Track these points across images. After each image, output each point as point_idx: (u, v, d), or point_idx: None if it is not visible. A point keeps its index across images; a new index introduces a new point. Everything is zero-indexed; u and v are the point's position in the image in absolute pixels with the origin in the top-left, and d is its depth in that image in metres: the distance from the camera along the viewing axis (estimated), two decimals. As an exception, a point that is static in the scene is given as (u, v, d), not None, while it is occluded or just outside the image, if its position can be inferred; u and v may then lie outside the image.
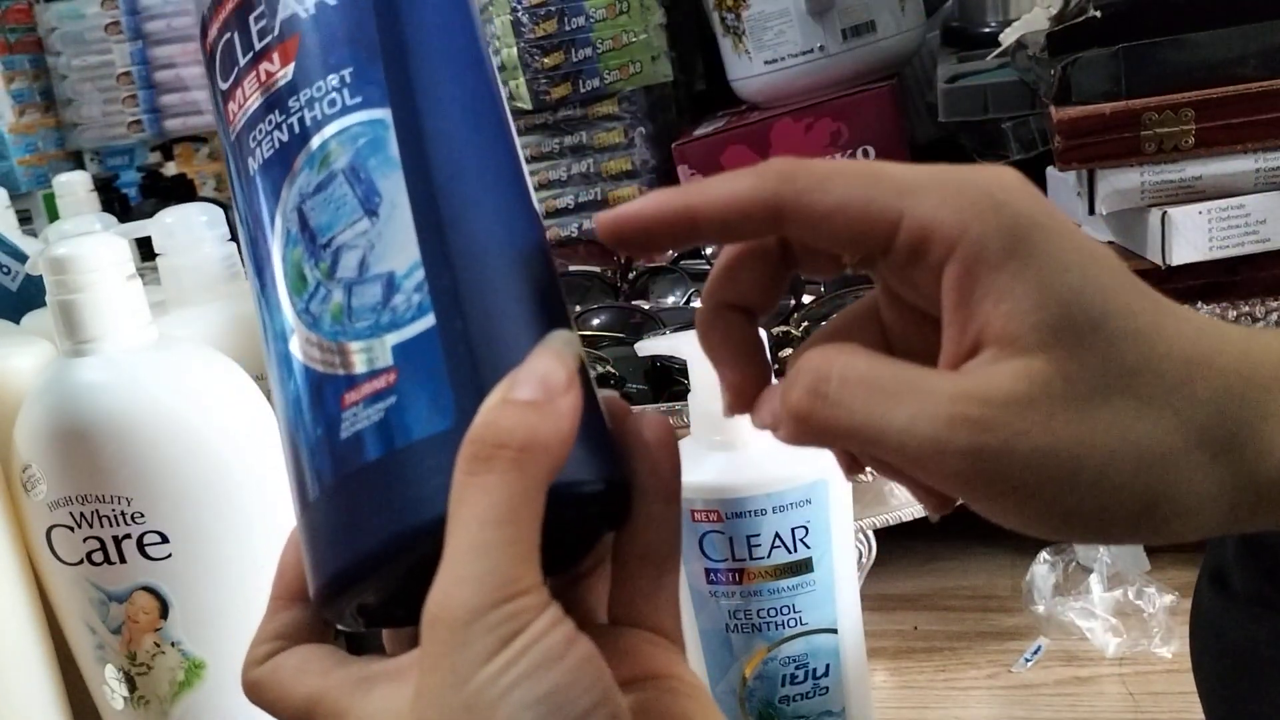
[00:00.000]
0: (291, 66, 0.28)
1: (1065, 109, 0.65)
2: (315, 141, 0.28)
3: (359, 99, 0.27)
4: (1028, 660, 0.63)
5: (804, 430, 0.26)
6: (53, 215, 1.11)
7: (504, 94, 0.30)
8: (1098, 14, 0.66)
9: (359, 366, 0.26)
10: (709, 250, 0.90)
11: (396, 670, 0.27)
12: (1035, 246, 0.25)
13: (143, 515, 0.49)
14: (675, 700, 0.28)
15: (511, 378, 0.25)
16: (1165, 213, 0.63)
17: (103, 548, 0.49)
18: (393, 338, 0.26)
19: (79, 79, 1.36)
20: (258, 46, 0.29)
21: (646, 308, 0.79)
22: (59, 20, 1.34)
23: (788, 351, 0.68)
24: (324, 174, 0.27)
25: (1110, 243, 0.70)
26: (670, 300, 0.82)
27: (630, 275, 0.87)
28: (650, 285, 0.84)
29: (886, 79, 0.99)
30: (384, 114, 0.27)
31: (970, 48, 0.98)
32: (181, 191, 1.25)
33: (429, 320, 0.26)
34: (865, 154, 0.98)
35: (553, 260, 0.29)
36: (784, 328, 0.68)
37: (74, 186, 0.93)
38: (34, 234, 1.11)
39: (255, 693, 0.29)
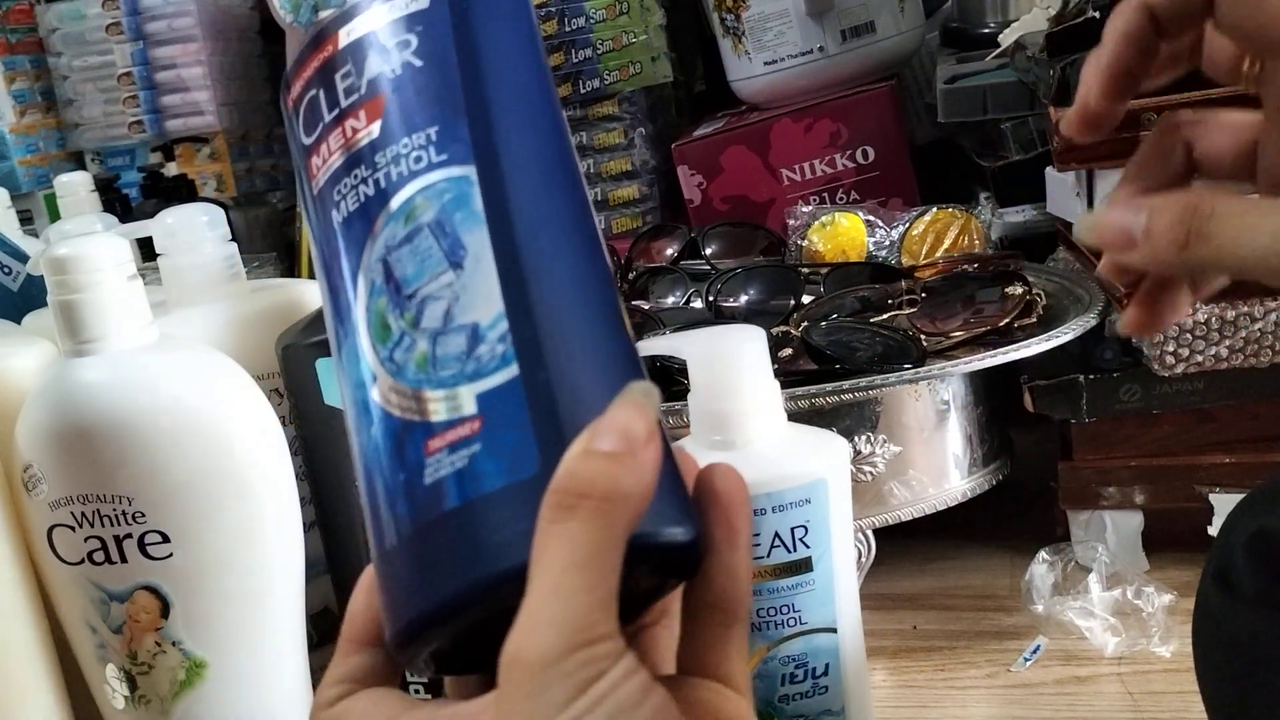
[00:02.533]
0: (378, 124, 0.29)
1: (1064, 109, 0.65)
2: (401, 197, 0.29)
3: (444, 156, 0.28)
4: (1027, 660, 0.63)
5: (1171, 254, 0.30)
6: (54, 215, 1.11)
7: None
8: (1097, 14, 0.66)
9: (443, 414, 0.27)
10: (709, 250, 0.90)
11: (467, 715, 0.27)
12: None
13: (144, 515, 0.49)
14: None
15: (594, 428, 0.25)
16: (1164, 213, 0.63)
17: (104, 547, 0.49)
18: (477, 387, 0.27)
19: (80, 79, 1.36)
20: (344, 104, 0.30)
21: (646, 308, 0.79)
22: (60, 21, 1.34)
23: (787, 352, 0.68)
24: (410, 228, 0.28)
25: (1109, 243, 0.70)
26: (670, 300, 0.82)
27: (630, 275, 0.87)
28: (650, 285, 0.84)
29: (886, 80, 1.00)
30: (469, 171, 0.28)
31: (969, 48, 0.98)
32: (183, 192, 1.25)
33: (513, 370, 0.27)
34: (864, 154, 0.98)
35: (625, 310, 0.29)
36: (784, 328, 0.68)
37: (75, 187, 0.93)
38: (35, 234, 1.11)
39: None
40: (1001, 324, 0.68)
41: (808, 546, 0.47)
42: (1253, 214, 0.29)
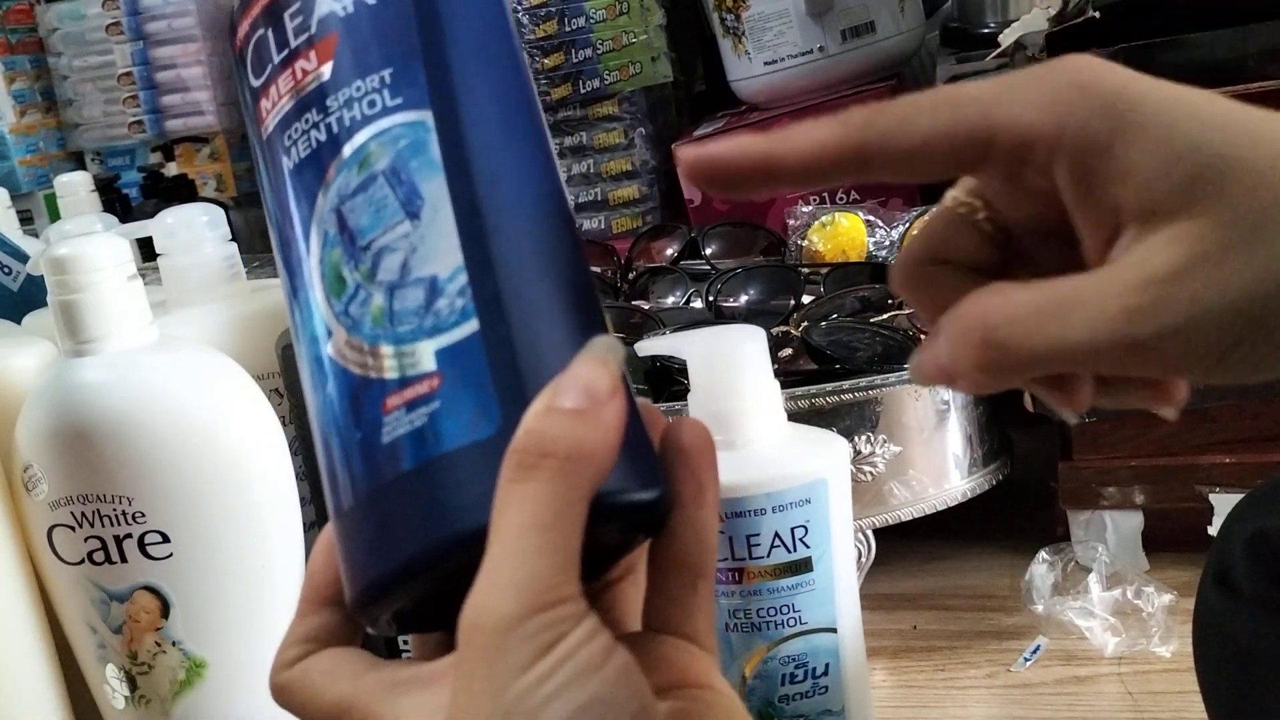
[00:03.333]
0: (329, 65, 0.28)
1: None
2: (355, 142, 0.27)
3: (399, 100, 0.27)
4: (1027, 660, 0.63)
5: (990, 379, 0.26)
6: (54, 215, 1.11)
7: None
8: (1097, 14, 0.66)
9: (400, 371, 0.26)
10: (709, 250, 0.90)
11: (429, 676, 0.27)
12: (1138, 114, 0.24)
13: (144, 515, 0.49)
14: (708, 710, 0.27)
15: (555, 385, 0.25)
16: (1164, 213, 0.63)
17: (104, 547, 0.49)
18: (435, 342, 0.26)
19: (80, 79, 1.36)
20: (293, 44, 0.29)
21: (646, 308, 0.79)
22: (60, 21, 1.35)
23: (787, 352, 0.68)
24: (364, 175, 0.27)
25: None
26: (670, 300, 0.82)
27: (630, 275, 0.87)
28: (650, 285, 0.84)
29: (886, 79, 1.00)
30: (425, 116, 0.27)
31: (969, 48, 0.98)
32: (182, 192, 1.25)
33: (472, 325, 0.26)
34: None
35: (588, 264, 0.28)
36: (784, 328, 0.68)
37: (75, 187, 0.93)
38: (35, 234, 1.11)
39: (284, 696, 0.28)
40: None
41: (808, 546, 0.47)
42: (1042, 307, 0.25)
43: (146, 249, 0.72)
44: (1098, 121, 0.24)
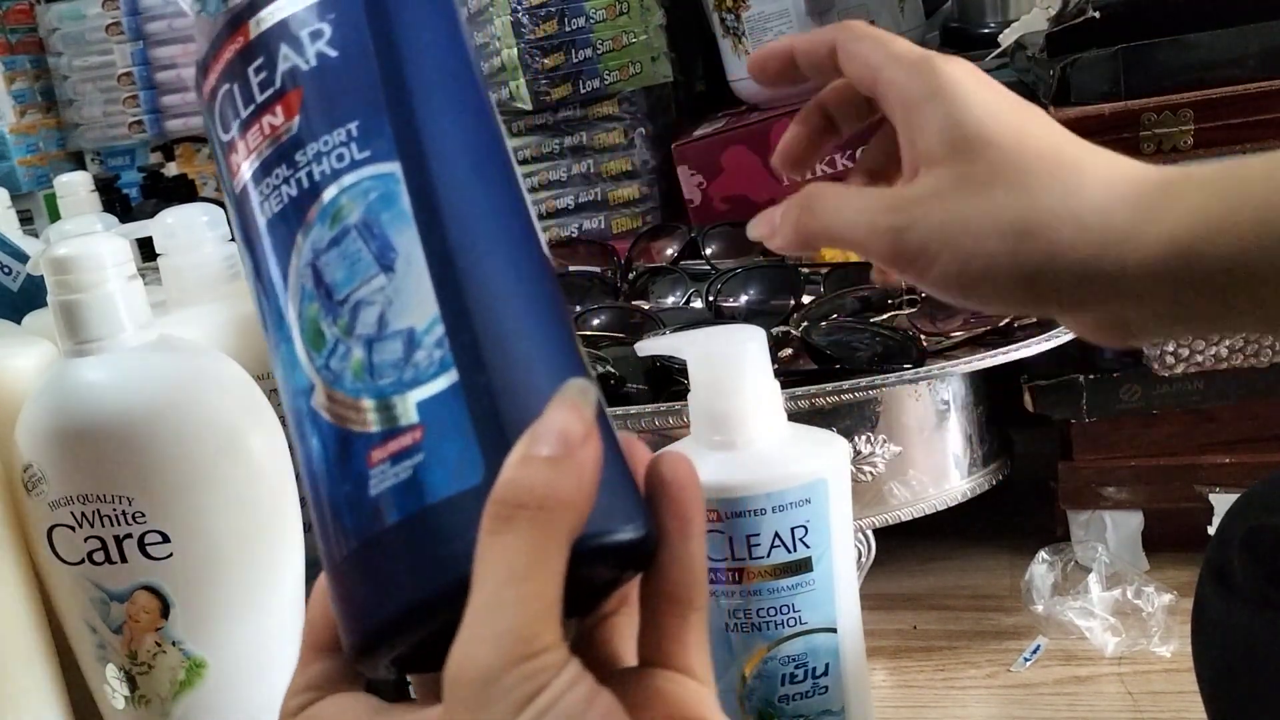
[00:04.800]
0: (296, 120, 0.28)
1: (1064, 110, 0.65)
2: (325, 197, 0.27)
3: (367, 153, 0.27)
4: (1026, 660, 0.63)
5: (791, 233, 0.37)
6: (54, 215, 1.11)
7: (501, 98, 0.30)
8: (1097, 15, 0.66)
9: (384, 424, 0.26)
10: (709, 250, 0.90)
11: None
12: (949, 92, 0.35)
13: (144, 515, 0.49)
14: None
15: (531, 433, 0.25)
16: (1164, 213, 0.63)
17: (104, 547, 0.49)
18: (417, 394, 0.26)
19: (80, 79, 1.36)
20: (259, 99, 0.28)
21: (646, 308, 0.79)
22: (60, 21, 1.35)
23: (787, 352, 0.68)
24: (336, 230, 0.27)
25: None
26: (670, 300, 0.82)
27: (630, 275, 0.87)
28: (650, 285, 0.84)
29: (886, 79, 0.99)
30: (394, 168, 0.27)
31: (969, 48, 0.98)
32: (182, 192, 1.25)
33: (452, 376, 0.26)
34: (865, 154, 0.98)
35: (566, 304, 0.28)
36: (784, 328, 0.68)
37: (75, 187, 0.93)
38: (35, 234, 1.11)
39: None
40: (1001, 324, 0.68)
41: (808, 546, 0.47)
42: (845, 196, 0.36)
43: (146, 249, 0.73)
44: (922, 89, 0.35)
